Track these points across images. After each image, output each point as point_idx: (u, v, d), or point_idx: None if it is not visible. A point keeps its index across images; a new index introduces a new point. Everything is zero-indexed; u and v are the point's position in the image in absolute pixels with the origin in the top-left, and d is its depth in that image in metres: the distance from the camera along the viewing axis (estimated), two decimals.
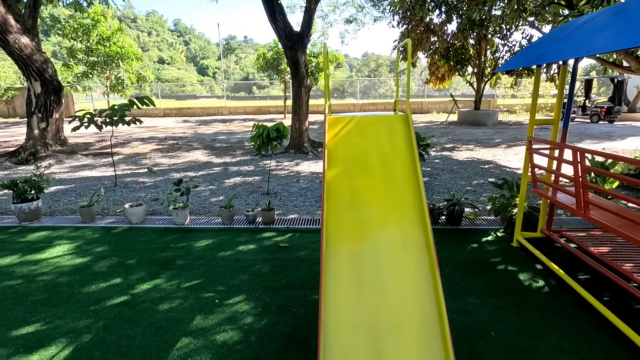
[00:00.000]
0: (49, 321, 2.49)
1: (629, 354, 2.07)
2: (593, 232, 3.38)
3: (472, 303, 2.61)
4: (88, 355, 2.17)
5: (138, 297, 2.77)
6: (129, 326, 2.43)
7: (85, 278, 3.07)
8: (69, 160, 8.34)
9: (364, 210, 2.08)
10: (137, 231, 4.07)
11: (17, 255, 3.52)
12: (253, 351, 2.17)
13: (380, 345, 1.64)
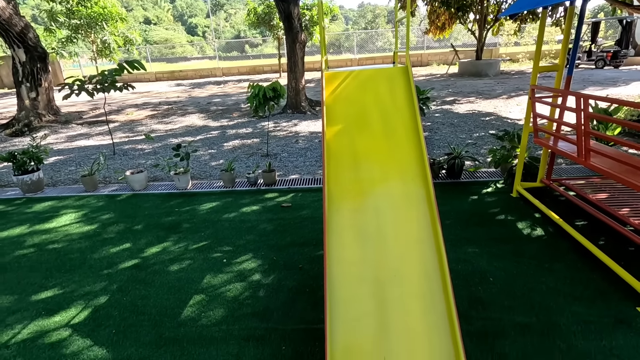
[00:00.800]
0: (65, 286, 2.60)
1: (622, 294, 2.17)
2: (592, 179, 3.40)
3: (472, 252, 2.69)
4: (107, 314, 2.28)
5: (148, 260, 2.86)
6: (142, 287, 2.53)
7: (95, 244, 3.15)
8: (64, 130, 8.24)
9: (364, 167, 2.08)
10: (140, 197, 4.12)
11: (25, 225, 3.59)
12: (263, 305, 2.28)
13: (384, 296, 1.71)
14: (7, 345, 2.08)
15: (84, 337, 2.10)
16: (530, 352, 1.82)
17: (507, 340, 1.90)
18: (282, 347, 1.95)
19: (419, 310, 1.66)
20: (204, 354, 1.94)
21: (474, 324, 2.02)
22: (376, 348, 1.60)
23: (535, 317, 2.04)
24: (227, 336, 2.05)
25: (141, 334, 2.10)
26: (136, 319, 2.23)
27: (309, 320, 2.13)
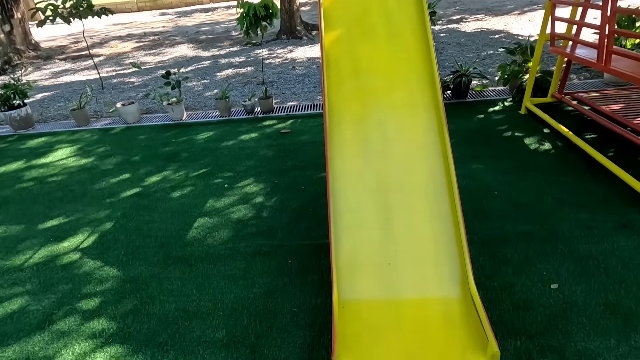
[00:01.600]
0: (70, 214, 2.61)
1: (627, 201, 2.16)
2: (606, 91, 3.22)
3: (477, 168, 2.64)
4: (114, 239, 2.31)
5: (149, 188, 2.84)
6: (146, 213, 2.54)
7: (95, 176, 3.11)
8: (48, 66, 7.79)
9: (367, 75, 1.92)
10: (135, 130, 3.99)
11: (22, 160, 3.53)
12: (267, 225, 2.29)
13: (388, 204, 1.68)
14: (22, 269, 2.13)
15: (94, 259, 2.15)
16: (531, 256, 1.85)
17: (510, 247, 1.93)
18: (288, 260, 1.99)
19: (424, 215, 1.64)
20: (212, 269, 1.99)
21: (478, 233, 2.04)
22: (381, 255, 1.62)
23: (539, 225, 2.05)
24: (233, 253, 2.09)
25: (149, 255, 2.14)
26: (143, 241, 2.26)
27: (314, 236, 2.15)
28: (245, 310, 1.72)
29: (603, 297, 1.61)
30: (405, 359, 1.30)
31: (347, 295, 1.55)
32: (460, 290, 1.52)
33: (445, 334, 1.38)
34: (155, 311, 1.77)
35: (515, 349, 1.44)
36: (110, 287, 1.94)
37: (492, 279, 1.75)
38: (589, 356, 1.39)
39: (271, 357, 1.51)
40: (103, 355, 1.59)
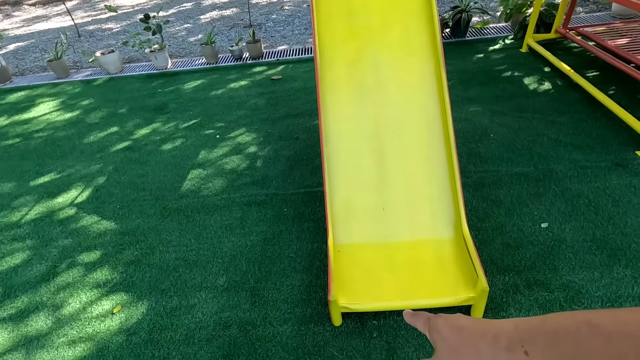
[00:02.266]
0: (61, 170, 2.57)
1: (623, 139, 2.14)
2: (613, 24, 3.05)
3: (474, 111, 2.58)
4: (108, 192, 2.30)
5: (139, 141, 2.77)
6: (138, 166, 2.50)
7: (82, 131, 3.02)
8: (17, 13, 7.22)
9: (361, 14, 1.78)
10: (118, 81, 3.80)
11: (3, 117, 3.40)
12: (261, 174, 2.28)
13: (383, 148, 1.66)
14: (20, 225, 2.14)
15: (91, 214, 2.16)
16: (524, 197, 1.87)
17: (503, 189, 1.94)
18: (283, 209, 2.01)
19: (419, 160, 1.63)
20: (209, 219, 2.01)
21: (472, 177, 2.04)
22: (375, 200, 1.63)
23: (533, 167, 2.05)
24: (229, 203, 2.09)
25: (145, 207, 2.15)
26: (138, 195, 2.25)
27: (309, 184, 2.15)
28: (243, 257, 1.77)
29: (591, 233, 1.65)
30: (398, 296, 1.36)
31: (342, 240, 1.59)
32: (453, 231, 1.55)
33: (437, 272, 1.43)
34: (156, 261, 1.82)
35: (504, 284, 1.51)
36: (110, 239, 1.97)
37: (484, 220, 1.79)
38: (572, 288, 1.46)
39: (270, 298, 1.58)
40: (109, 302, 1.65)
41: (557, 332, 0.31)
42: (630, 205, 1.75)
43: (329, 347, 1.39)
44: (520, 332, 0.34)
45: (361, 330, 1.43)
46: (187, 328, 1.52)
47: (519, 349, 0.33)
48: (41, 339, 1.55)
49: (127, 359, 1.44)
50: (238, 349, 1.42)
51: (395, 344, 1.37)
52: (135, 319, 1.58)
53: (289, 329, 1.46)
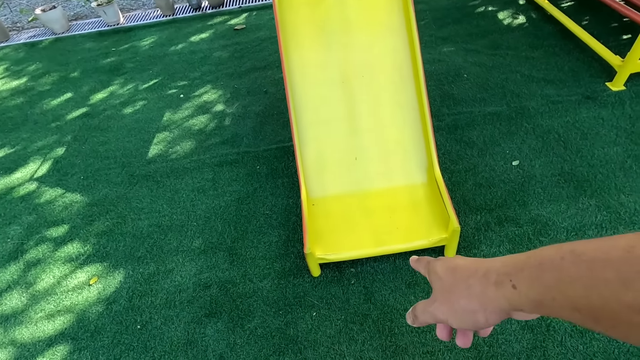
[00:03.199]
0: (15, 144, 2.40)
1: (595, 71, 2.12)
2: None
3: (447, 51, 2.49)
4: (70, 164, 2.18)
5: (97, 106, 2.59)
6: (99, 134, 2.35)
7: (32, 99, 2.78)
8: None
9: None
10: (66, 41, 3.47)
11: None
12: (230, 133, 2.18)
13: (352, 96, 1.59)
14: None
15: (54, 187, 2.05)
16: (496, 136, 1.87)
17: (476, 130, 1.93)
18: (256, 166, 1.95)
19: (389, 106, 1.57)
20: (179, 183, 1.94)
21: (445, 119, 2.01)
22: (347, 150, 1.59)
23: (506, 105, 2.03)
24: (199, 165, 2.02)
25: (111, 176, 2.05)
26: (102, 163, 2.14)
27: (280, 140, 2.08)
28: (218, 219, 1.74)
29: (559, 167, 1.68)
30: (373, 243, 1.37)
31: (316, 193, 1.56)
32: (426, 176, 1.54)
33: (411, 217, 1.44)
34: (129, 229, 1.77)
35: (476, 222, 1.55)
36: (77, 212, 1.89)
37: (457, 163, 1.79)
38: (540, 221, 1.51)
39: (249, 256, 1.58)
40: (84, 274, 1.62)
41: (542, 264, 0.31)
42: (598, 137, 1.77)
43: (309, 296, 1.42)
44: (508, 267, 0.35)
45: (340, 278, 1.46)
46: (167, 292, 1.51)
47: (507, 283, 0.34)
48: (18, 316, 1.52)
49: (109, 327, 1.44)
50: (220, 307, 1.44)
51: (373, 288, 1.41)
52: (114, 288, 1.56)
53: (269, 284, 1.48)
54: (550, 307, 0.31)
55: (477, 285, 0.36)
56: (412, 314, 0.44)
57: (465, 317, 0.37)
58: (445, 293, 0.39)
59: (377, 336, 1.29)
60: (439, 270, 0.42)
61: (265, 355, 1.29)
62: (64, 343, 1.42)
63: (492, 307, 0.35)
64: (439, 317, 0.40)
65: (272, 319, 1.38)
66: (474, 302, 0.36)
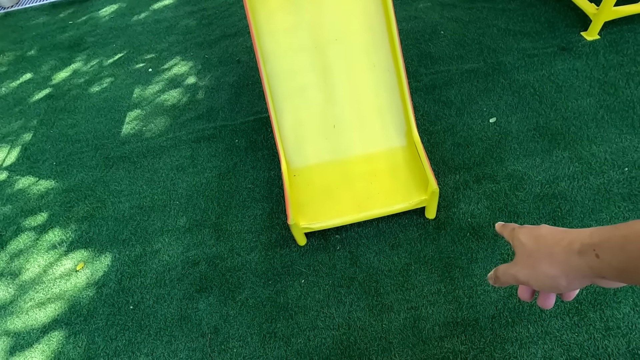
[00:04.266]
0: None
1: (571, 21, 2.10)
2: None
3: (423, 7, 2.41)
4: (39, 149, 2.09)
5: (61, 87, 2.45)
6: (67, 116, 2.25)
7: None
8: None
9: None
10: (17, 16, 3.20)
11: None
12: (206, 106, 2.12)
13: (326, 61, 1.54)
14: None
15: (25, 175, 1.98)
16: (474, 94, 1.87)
17: (454, 89, 1.92)
18: (235, 140, 1.92)
19: (364, 70, 1.54)
20: (157, 162, 1.90)
21: (422, 80, 1.99)
22: (325, 118, 1.56)
23: (483, 61, 2.01)
24: (176, 143, 1.97)
25: (85, 160, 1.99)
26: (74, 147, 2.06)
27: (257, 111, 2.03)
28: (200, 196, 1.73)
29: (534, 122, 1.71)
30: (356, 209, 1.40)
31: (296, 164, 1.56)
32: (404, 139, 1.55)
33: (391, 181, 1.46)
34: (110, 213, 1.74)
35: (454, 182, 1.58)
36: (54, 199, 1.84)
37: (435, 124, 1.79)
38: (516, 176, 1.55)
39: (234, 230, 1.59)
40: (70, 261, 1.61)
41: (627, 236, 0.33)
42: (572, 89, 1.79)
43: (297, 265, 1.46)
44: (593, 237, 0.36)
45: (325, 245, 1.49)
46: (156, 272, 1.53)
47: (591, 252, 0.36)
48: (8, 307, 1.52)
49: (102, 310, 1.46)
50: (210, 282, 1.47)
51: (358, 252, 1.45)
52: (102, 272, 1.56)
53: (257, 256, 1.51)
54: (633, 275, 0.33)
55: (560, 253, 0.38)
56: (494, 275, 0.47)
57: (546, 281, 0.40)
58: (528, 258, 0.42)
59: (363, 297, 1.34)
60: (522, 237, 0.44)
61: (258, 324, 1.34)
62: (58, 329, 1.44)
63: (575, 274, 0.38)
64: (520, 279, 0.43)
65: (262, 289, 1.42)
66: (556, 268, 0.39)
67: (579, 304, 1.22)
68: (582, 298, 1.23)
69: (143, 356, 1.33)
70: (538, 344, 1.17)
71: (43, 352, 1.39)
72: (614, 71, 1.82)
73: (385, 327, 1.27)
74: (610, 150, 1.55)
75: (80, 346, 1.38)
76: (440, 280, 1.33)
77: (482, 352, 1.18)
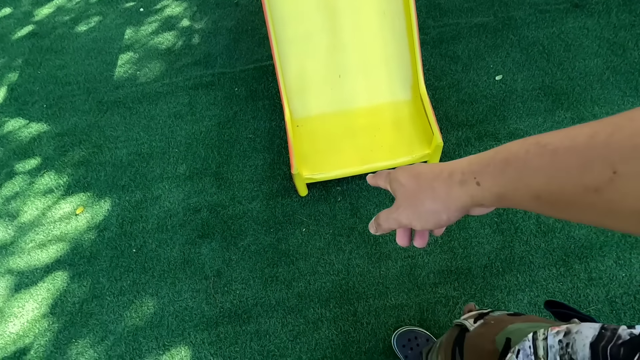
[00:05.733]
0: None
1: None
2: None
3: None
4: (27, 91, 1.99)
5: (45, 24, 2.29)
6: (54, 56, 2.12)
7: None
8: None
9: None
10: None
11: None
12: (203, 52, 2.02)
13: (335, 8, 1.46)
14: None
15: (15, 117, 1.90)
16: (481, 50, 1.82)
17: (461, 43, 1.86)
18: (234, 88, 1.86)
19: (374, 19, 1.47)
20: (154, 109, 1.84)
21: (430, 33, 1.92)
22: (330, 66, 1.52)
23: (493, 15, 1.94)
24: (173, 89, 1.90)
25: (77, 103, 1.91)
26: (64, 90, 1.97)
27: (258, 58, 1.95)
28: (200, 144, 1.70)
29: (540, 81, 1.69)
30: (358, 162, 1.40)
31: (299, 114, 1.53)
32: (410, 93, 1.52)
33: (395, 134, 1.46)
34: (107, 159, 1.72)
35: (457, 138, 1.59)
36: (47, 143, 1.79)
37: (441, 79, 1.76)
38: (518, 135, 1.57)
39: (235, 180, 1.59)
40: (68, 205, 1.61)
41: (507, 159, 0.32)
42: (581, 48, 1.76)
43: (298, 215, 1.49)
44: (473, 165, 0.35)
45: (326, 196, 1.51)
46: (157, 217, 1.54)
47: (472, 181, 0.34)
48: (8, 247, 1.53)
49: (105, 252, 1.48)
50: (212, 229, 1.49)
51: (358, 204, 1.48)
52: (102, 217, 1.57)
53: (258, 205, 1.52)
54: (512, 198, 0.31)
55: (441, 187, 0.37)
56: (375, 223, 0.45)
57: (429, 218, 0.38)
58: (409, 198, 0.40)
59: (362, 246, 1.39)
60: (401, 178, 0.42)
61: (260, 268, 1.39)
62: (61, 269, 1.46)
63: (455, 206, 0.36)
64: (402, 221, 0.41)
65: (263, 236, 1.45)
66: (438, 203, 0.37)
67: (566, 257, 1.29)
68: (570, 251, 1.30)
69: (148, 296, 1.38)
70: (525, 291, 1.25)
71: (48, 290, 1.42)
72: (625, 31, 1.78)
73: (382, 274, 1.33)
74: (612, 113, 1.57)
75: (85, 285, 1.42)
76: None
77: (473, 298, 1.25)
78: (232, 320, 1.31)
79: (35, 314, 1.39)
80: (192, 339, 1.29)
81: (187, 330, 1.31)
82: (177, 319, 1.33)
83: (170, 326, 1.32)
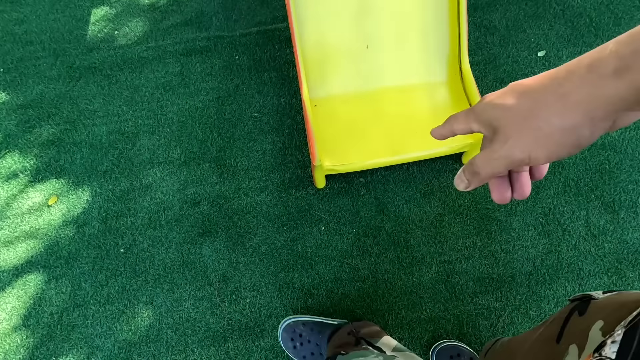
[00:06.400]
0: None
1: None
2: None
3: None
4: None
5: None
6: (9, 7, 1.74)
7: None
8: None
9: None
10: None
11: None
12: (195, 10, 1.70)
13: None
14: None
15: None
16: (521, 20, 1.59)
17: (498, 12, 1.62)
18: (234, 56, 1.58)
19: None
20: (137, 78, 1.54)
21: None
22: (356, 34, 1.26)
23: None
24: (160, 54, 1.60)
25: (43, 68, 1.59)
26: (25, 50, 1.63)
27: (261, 21, 1.66)
28: (196, 123, 1.44)
29: None
30: (389, 150, 1.20)
31: (317, 93, 1.29)
32: (446, 72, 1.30)
33: (430, 120, 1.25)
34: (83, 137, 1.44)
35: None
36: (7, 116, 1.49)
37: (476, 54, 1.54)
38: None
39: (240, 167, 1.36)
40: (39, 194, 1.35)
41: None
42: (632, 22, 1.56)
43: (315, 210, 1.29)
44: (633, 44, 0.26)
45: (347, 189, 1.31)
46: (148, 211, 1.31)
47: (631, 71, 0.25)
48: None
49: (86, 252, 1.26)
50: (215, 225, 1.28)
51: (385, 199, 1.29)
52: (80, 209, 1.32)
53: (268, 198, 1.31)
54: None
55: (579, 89, 0.28)
56: (468, 173, 0.35)
57: (561, 139, 0.29)
58: (522, 122, 0.31)
59: (392, 248, 1.22)
60: (502, 100, 0.33)
61: (273, 272, 1.21)
62: (34, 272, 1.23)
63: (605, 110, 0.27)
64: (516, 156, 0.31)
65: (276, 235, 1.26)
66: (575, 112, 0.28)
67: (618, 263, 1.16)
68: (623, 257, 1.17)
69: (141, 304, 1.18)
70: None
71: (19, 298, 1.20)
72: None
73: (415, 281, 1.17)
74: None
75: (64, 292, 1.20)
76: (476, 234, 1.22)
77: (518, 310, 1.12)
78: (243, 334, 1.13)
79: (4, 326, 1.17)
80: (197, 356, 1.11)
81: (189, 346, 1.13)
82: (177, 333, 1.14)
83: (169, 341, 1.13)
